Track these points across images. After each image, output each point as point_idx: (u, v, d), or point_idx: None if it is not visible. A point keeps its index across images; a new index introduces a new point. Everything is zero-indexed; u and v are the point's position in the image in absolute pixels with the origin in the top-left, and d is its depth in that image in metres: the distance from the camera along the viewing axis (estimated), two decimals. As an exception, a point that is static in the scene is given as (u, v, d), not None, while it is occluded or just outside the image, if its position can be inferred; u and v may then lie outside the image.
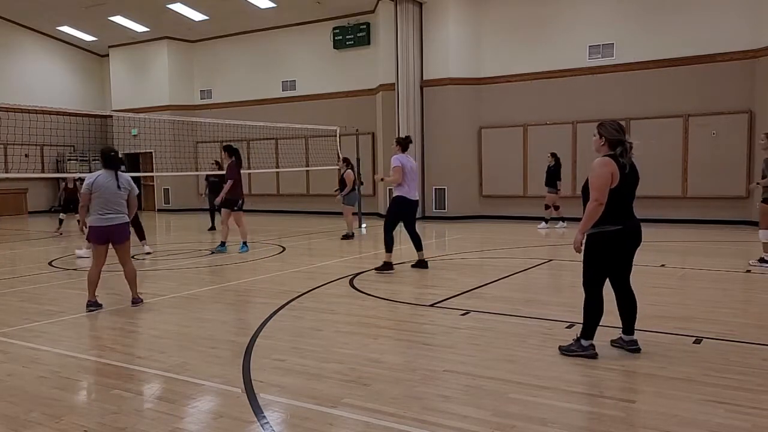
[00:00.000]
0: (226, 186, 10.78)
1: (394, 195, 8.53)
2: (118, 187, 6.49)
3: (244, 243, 10.97)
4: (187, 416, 3.69)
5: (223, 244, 10.96)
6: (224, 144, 11.64)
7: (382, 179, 9.36)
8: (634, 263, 4.69)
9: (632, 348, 4.67)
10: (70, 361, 4.81)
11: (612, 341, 4.86)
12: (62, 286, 8.09)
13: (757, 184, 8.45)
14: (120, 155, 6.90)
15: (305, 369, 4.45)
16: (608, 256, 4.53)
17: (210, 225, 14.83)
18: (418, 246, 8.65)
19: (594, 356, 4.53)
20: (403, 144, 8.65)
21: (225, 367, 4.55)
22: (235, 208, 10.92)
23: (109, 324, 6.03)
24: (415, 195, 8.56)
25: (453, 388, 4.03)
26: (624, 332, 4.75)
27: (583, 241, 4.56)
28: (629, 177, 4.45)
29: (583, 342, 4.58)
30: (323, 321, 5.88)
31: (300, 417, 3.62)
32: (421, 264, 8.67)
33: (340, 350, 4.91)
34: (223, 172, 14.94)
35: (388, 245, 8.50)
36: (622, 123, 4.70)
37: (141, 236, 10.93)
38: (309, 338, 5.27)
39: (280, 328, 5.66)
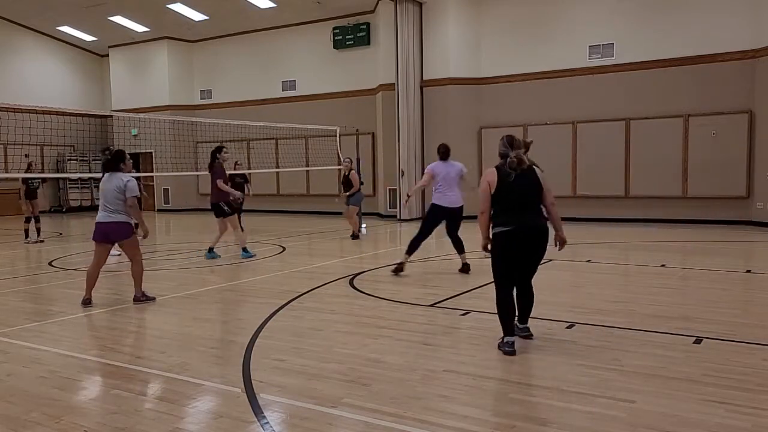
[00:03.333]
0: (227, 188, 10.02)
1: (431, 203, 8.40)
2: (113, 188, 6.58)
3: (211, 249, 10.16)
4: (187, 416, 3.68)
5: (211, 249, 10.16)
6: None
7: (408, 196, 9.48)
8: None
9: (525, 335, 5.08)
10: (70, 361, 4.81)
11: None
12: (62, 286, 8.08)
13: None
14: (120, 154, 6.91)
15: (305, 369, 4.45)
16: (501, 254, 4.82)
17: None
18: (460, 249, 8.41)
19: (512, 353, 4.67)
20: (441, 153, 8.37)
21: (225, 367, 4.55)
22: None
23: (109, 324, 6.04)
24: (448, 202, 8.17)
25: (453, 388, 4.02)
26: (518, 321, 5.11)
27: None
28: (515, 183, 4.76)
29: (506, 339, 4.76)
30: (323, 321, 5.88)
31: (300, 417, 3.62)
32: (464, 268, 8.38)
33: (340, 350, 4.91)
34: (244, 172, 14.85)
35: (410, 247, 8.32)
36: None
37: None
38: (309, 338, 5.27)
39: (280, 328, 5.65)
